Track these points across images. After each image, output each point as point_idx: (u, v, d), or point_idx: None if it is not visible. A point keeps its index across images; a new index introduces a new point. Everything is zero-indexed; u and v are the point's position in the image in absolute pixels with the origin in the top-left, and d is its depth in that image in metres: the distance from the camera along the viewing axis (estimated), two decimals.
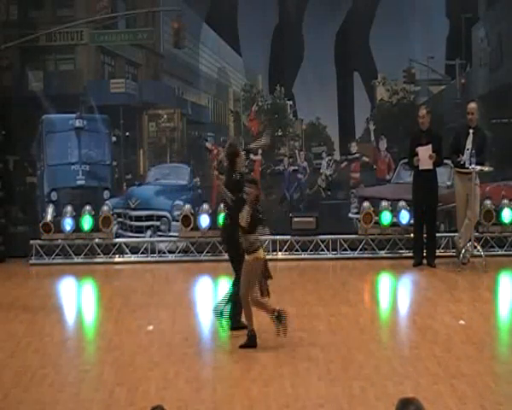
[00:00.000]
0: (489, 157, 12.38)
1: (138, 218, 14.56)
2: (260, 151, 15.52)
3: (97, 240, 13.63)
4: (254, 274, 8.24)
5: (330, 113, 15.67)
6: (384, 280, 12.38)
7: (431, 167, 12.13)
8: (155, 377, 7.56)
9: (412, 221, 12.93)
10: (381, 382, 7.27)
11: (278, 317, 8.31)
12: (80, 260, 13.52)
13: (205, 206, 13.64)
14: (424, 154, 12.09)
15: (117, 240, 13.83)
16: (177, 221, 13.87)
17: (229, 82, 16.45)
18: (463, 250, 11.98)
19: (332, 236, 13.51)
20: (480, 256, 11.70)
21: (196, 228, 13.50)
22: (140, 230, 14.47)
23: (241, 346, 8.38)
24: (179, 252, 13.74)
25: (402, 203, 13.36)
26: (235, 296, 8.66)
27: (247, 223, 8.12)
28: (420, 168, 12.15)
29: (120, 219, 14.65)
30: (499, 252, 13.17)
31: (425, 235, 12.43)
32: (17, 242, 14.11)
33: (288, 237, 13.46)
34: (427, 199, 12.25)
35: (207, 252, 13.54)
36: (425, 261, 12.40)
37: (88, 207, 13.64)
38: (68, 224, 13.50)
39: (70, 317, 10.54)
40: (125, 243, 13.88)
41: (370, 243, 13.44)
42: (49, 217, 13.59)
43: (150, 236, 14.31)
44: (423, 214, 12.35)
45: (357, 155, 15.29)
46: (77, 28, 15.46)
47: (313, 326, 9.08)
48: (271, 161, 15.67)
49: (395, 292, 11.71)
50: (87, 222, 13.52)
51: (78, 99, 15.22)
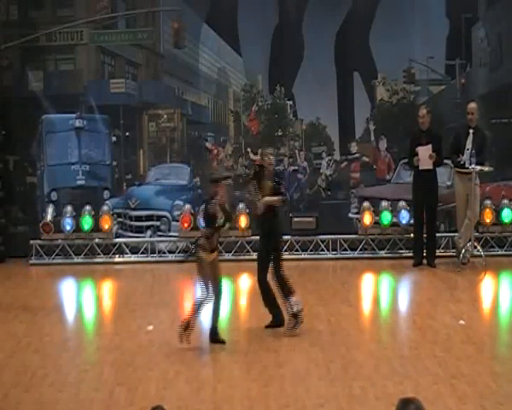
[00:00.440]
0: (489, 157, 12.37)
1: (138, 218, 14.56)
2: (260, 151, 15.54)
3: (97, 240, 13.63)
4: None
5: (330, 113, 15.68)
6: (384, 280, 12.37)
7: (431, 167, 12.12)
8: (155, 377, 7.56)
9: (412, 221, 12.93)
10: (381, 382, 7.26)
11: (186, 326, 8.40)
12: (80, 260, 13.52)
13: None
14: (424, 154, 12.09)
15: (117, 240, 13.83)
16: (177, 221, 13.87)
17: (229, 82, 16.46)
18: (463, 250, 11.97)
19: (332, 236, 13.51)
20: (480, 256, 11.70)
21: (196, 228, 13.49)
22: (140, 230, 14.48)
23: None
24: (179, 252, 13.74)
25: (402, 203, 13.36)
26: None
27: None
28: (420, 168, 12.15)
29: (120, 219, 14.65)
30: (499, 252, 13.18)
31: (425, 235, 12.43)
32: (17, 242, 14.11)
33: (288, 237, 13.44)
34: (427, 199, 12.24)
35: None
36: (425, 261, 12.40)
37: (88, 207, 13.64)
38: (68, 224, 13.52)
39: (70, 317, 10.52)
40: (125, 243, 13.88)
41: (370, 243, 13.44)
42: (49, 217, 13.59)
43: (150, 236, 14.31)
44: (423, 214, 12.35)
45: (357, 155, 15.30)
46: (77, 28, 15.48)
47: (313, 326, 9.07)
48: None
49: (395, 292, 11.70)
50: (87, 222, 13.53)
51: (78, 99, 15.23)
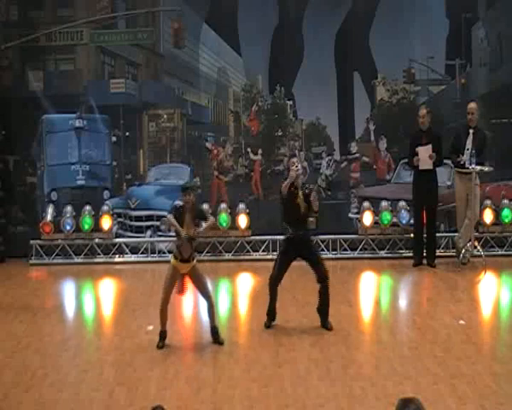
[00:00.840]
0: (489, 157, 12.38)
1: (138, 218, 14.55)
2: (260, 151, 15.55)
3: (97, 240, 13.64)
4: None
5: (330, 113, 15.66)
6: (384, 280, 12.37)
7: (431, 167, 12.12)
8: (155, 377, 7.56)
9: (412, 221, 12.93)
10: (381, 382, 7.27)
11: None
12: (80, 260, 13.52)
13: (205, 206, 13.60)
14: (424, 154, 12.09)
15: (117, 240, 13.83)
16: None
17: (229, 82, 16.44)
18: (463, 250, 11.98)
19: (332, 236, 13.51)
20: (480, 256, 11.70)
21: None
22: (140, 230, 14.47)
23: None
24: None
25: (402, 203, 13.37)
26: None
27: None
28: (420, 168, 12.15)
29: (120, 219, 14.65)
30: (499, 252, 13.19)
31: (425, 235, 12.43)
32: (17, 242, 14.11)
33: None
34: (427, 199, 12.24)
35: (207, 252, 13.55)
36: (425, 261, 12.40)
37: (88, 207, 13.65)
38: (68, 224, 13.52)
39: (70, 317, 10.51)
40: (125, 243, 13.88)
41: (370, 243, 13.45)
42: (49, 217, 13.60)
43: (150, 236, 14.30)
44: (423, 214, 12.35)
45: (357, 155, 15.29)
46: (77, 28, 15.47)
47: (313, 326, 9.07)
48: (271, 161, 15.67)
49: (395, 292, 11.69)
50: (87, 222, 13.53)
51: (78, 99, 15.22)
